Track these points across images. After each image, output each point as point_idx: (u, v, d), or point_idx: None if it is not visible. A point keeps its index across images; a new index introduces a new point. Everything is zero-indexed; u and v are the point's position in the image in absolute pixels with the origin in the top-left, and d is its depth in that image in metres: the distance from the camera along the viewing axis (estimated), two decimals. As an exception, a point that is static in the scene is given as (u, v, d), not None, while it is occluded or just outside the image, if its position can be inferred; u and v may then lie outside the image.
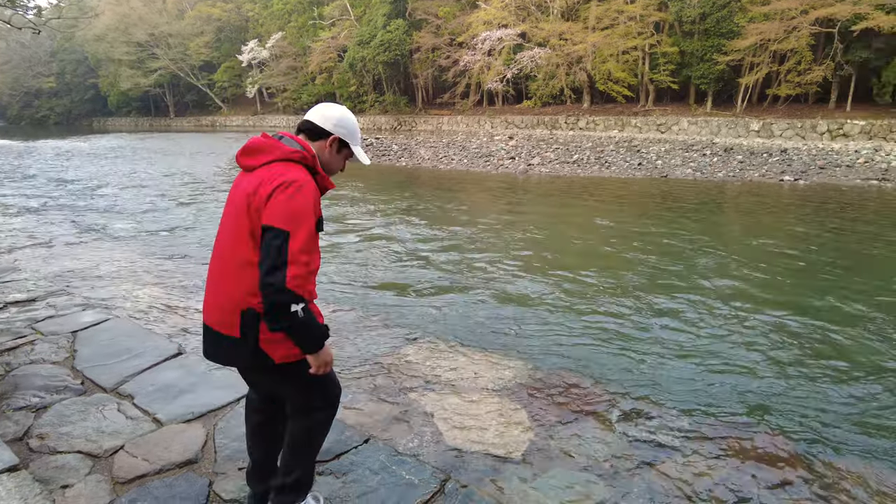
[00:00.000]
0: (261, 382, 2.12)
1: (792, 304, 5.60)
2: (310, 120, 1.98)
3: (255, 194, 1.77)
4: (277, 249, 1.68)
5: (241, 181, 1.90)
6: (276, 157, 1.84)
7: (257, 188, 1.77)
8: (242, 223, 1.80)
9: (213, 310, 1.92)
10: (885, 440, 3.25)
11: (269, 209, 1.72)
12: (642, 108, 30.14)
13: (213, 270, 1.94)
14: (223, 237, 1.91)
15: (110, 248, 7.60)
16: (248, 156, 1.88)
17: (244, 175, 1.91)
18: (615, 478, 2.72)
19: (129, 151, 26.74)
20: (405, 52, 38.26)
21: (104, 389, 3.40)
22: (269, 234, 1.71)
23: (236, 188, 1.90)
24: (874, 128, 22.16)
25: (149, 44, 54.87)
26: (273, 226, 1.70)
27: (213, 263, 1.96)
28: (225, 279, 1.87)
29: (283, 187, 1.73)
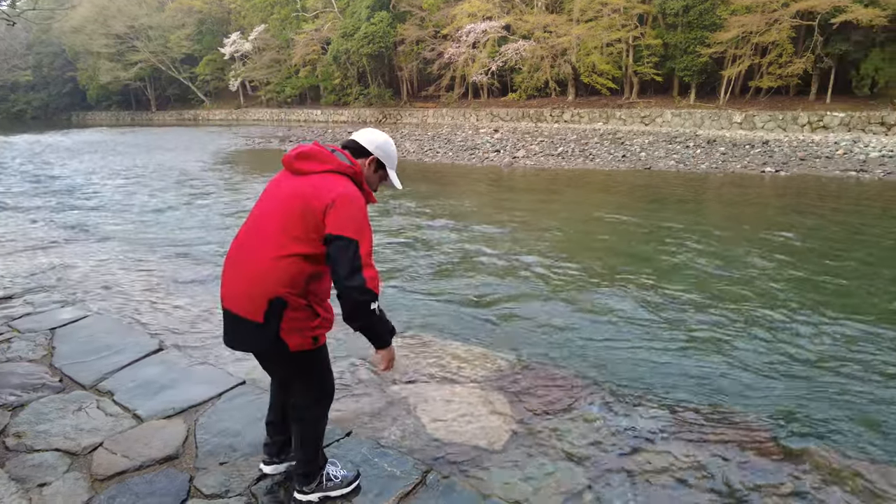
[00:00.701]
0: (274, 370, 2.31)
1: (773, 294, 5.68)
2: (355, 140, 2.17)
3: (315, 199, 1.91)
4: (352, 256, 1.87)
5: (289, 182, 2.02)
6: (332, 168, 1.99)
7: (317, 194, 1.91)
8: (294, 221, 1.92)
9: (237, 296, 2.02)
10: (864, 426, 3.32)
11: (336, 219, 1.88)
12: (626, 101, 30.28)
13: (242, 259, 2.04)
14: (261, 228, 2.01)
15: (90, 243, 7.49)
16: (304, 161, 2.01)
17: (292, 177, 2.03)
18: (596, 466, 2.75)
19: (110, 146, 26.33)
20: (389, 45, 38.00)
21: (83, 386, 3.36)
22: (341, 242, 1.87)
23: (280, 186, 2.04)
24: (853, 119, 22.49)
25: (128, 36, 53.86)
26: (344, 235, 1.87)
27: (241, 253, 2.06)
28: (257, 268, 1.96)
29: (348, 200, 1.91)
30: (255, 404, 3.14)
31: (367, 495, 2.40)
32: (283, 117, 47.96)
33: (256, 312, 1.96)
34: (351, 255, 1.87)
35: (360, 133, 2.19)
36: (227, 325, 2.13)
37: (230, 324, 2.10)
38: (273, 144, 25.73)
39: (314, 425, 2.28)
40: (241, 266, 2.04)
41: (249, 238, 2.05)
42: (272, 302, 1.94)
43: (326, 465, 2.39)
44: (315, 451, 2.32)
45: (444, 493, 2.40)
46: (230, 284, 2.07)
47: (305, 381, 2.21)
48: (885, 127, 21.73)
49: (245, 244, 2.06)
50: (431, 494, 2.40)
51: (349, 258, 1.87)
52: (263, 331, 1.98)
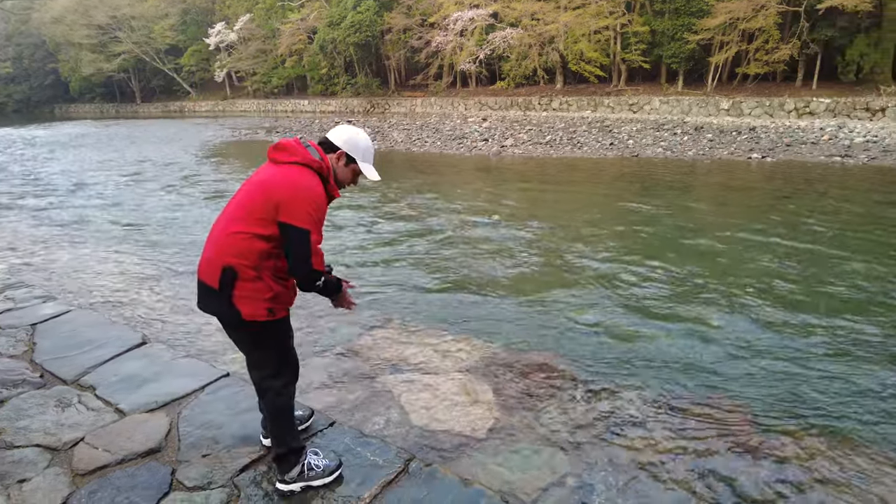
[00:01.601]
0: (235, 341, 2.41)
1: (757, 280, 5.73)
2: (326, 136, 2.35)
3: (275, 187, 2.09)
4: (303, 244, 2.08)
5: (263, 169, 2.22)
6: (298, 160, 2.17)
7: (278, 183, 2.10)
8: (254, 203, 2.11)
9: (203, 264, 2.22)
10: (843, 408, 3.37)
11: (291, 210, 2.06)
12: (615, 88, 30.27)
13: (213, 233, 2.23)
14: (230, 208, 2.21)
15: (72, 238, 7.41)
16: (278, 152, 2.20)
17: (269, 165, 2.22)
18: (578, 451, 2.77)
19: (94, 139, 25.97)
20: (376, 34, 37.67)
21: (64, 382, 3.33)
22: (294, 231, 2.07)
23: (258, 173, 2.22)
24: (838, 105, 22.64)
25: (110, 27, 52.94)
26: (296, 225, 2.07)
27: (212, 230, 2.25)
28: (218, 240, 2.17)
29: (304, 191, 2.09)
30: (239, 396, 3.13)
31: (349, 484, 2.41)
32: (270, 108, 47.50)
33: (213, 279, 2.15)
34: (302, 243, 2.08)
35: (333, 130, 2.37)
36: (198, 295, 2.31)
37: (198, 288, 2.29)
38: (260, 136, 25.50)
39: (275, 399, 2.35)
40: (209, 239, 2.25)
41: (221, 216, 2.26)
42: (224, 269, 2.12)
43: (308, 455, 2.42)
44: (283, 429, 2.38)
45: (427, 481, 2.41)
46: (203, 255, 2.26)
47: (264, 354, 2.33)
48: (870, 112, 21.90)
49: (217, 221, 2.27)
50: (414, 482, 2.41)
51: (301, 244, 2.08)
52: (219, 297, 2.16)
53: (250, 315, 2.16)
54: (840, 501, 2.51)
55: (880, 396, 3.50)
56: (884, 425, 3.18)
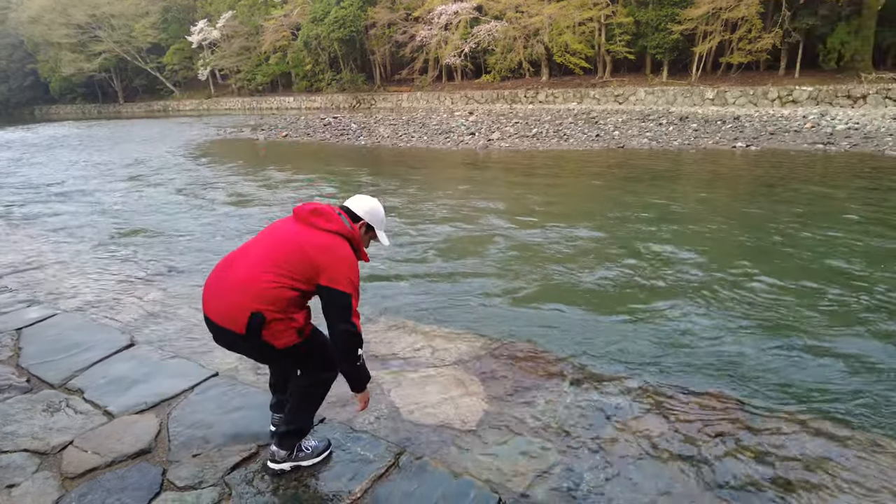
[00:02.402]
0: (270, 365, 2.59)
1: (744, 267, 5.80)
2: (349, 207, 2.44)
3: (318, 253, 2.19)
4: (347, 306, 2.19)
5: (297, 227, 2.29)
6: (336, 229, 2.28)
7: (321, 249, 2.20)
8: (291, 259, 2.18)
9: (221, 308, 2.22)
10: (824, 390, 3.44)
11: (333, 275, 2.18)
12: (600, 80, 30.35)
13: (230, 277, 2.24)
14: (256, 254, 2.25)
15: (56, 240, 7.33)
16: (315, 216, 2.28)
17: (300, 224, 2.29)
18: (567, 440, 2.81)
19: (76, 140, 25.64)
20: (360, 29, 37.46)
21: (51, 386, 3.32)
22: (337, 294, 2.18)
23: (286, 228, 2.30)
24: (821, 93, 22.86)
25: (90, 26, 52.14)
26: (340, 289, 2.18)
27: (229, 271, 2.26)
28: (243, 286, 2.18)
29: (346, 260, 2.23)
30: (228, 395, 3.14)
31: (340, 479, 2.42)
32: (254, 105, 47.14)
33: (237, 324, 2.17)
34: (346, 305, 2.19)
35: (353, 200, 2.47)
36: (213, 333, 2.32)
37: (216, 332, 2.30)
38: (245, 133, 25.30)
39: (317, 398, 2.48)
40: (227, 283, 2.24)
41: (242, 261, 2.27)
42: (253, 315, 2.15)
43: (310, 439, 2.54)
44: (308, 411, 2.48)
45: (417, 474, 2.43)
46: (215, 298, 2.26)
47: (305, 366, 2.44)
48: (851, 100, 22.15)
49: (236, 264, 2.27)
50: (404, 476, 2.43)
51: (344, 307, 2.19)
52: (247, 339, 2.20)
53: (284, 345, 2.24)
54: (829, 485, 2.56)
55: (871, 377, 3.57)
56: (875, 407, 3.25)
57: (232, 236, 7.52)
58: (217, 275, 2.32)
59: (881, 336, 4.26)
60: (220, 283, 2.27)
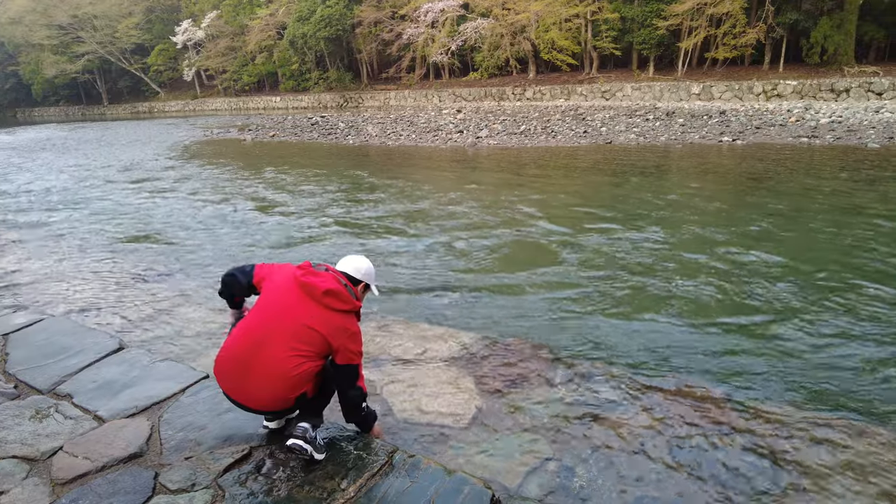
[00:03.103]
0: None
1: (731, 260, 5.86)
2: (344, 270, 2.63)
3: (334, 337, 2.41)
4: (356, 374, 2.50)
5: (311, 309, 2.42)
6: (349, 308, 2.47)
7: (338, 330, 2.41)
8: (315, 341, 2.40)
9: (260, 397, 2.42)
10: (808, 383, 3.49)
11: (347, 353, 2.43)
12: (587, 76, 30.47)
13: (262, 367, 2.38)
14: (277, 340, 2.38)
15: (42, 244, 7.25)
16: (330, 298, 2.43)
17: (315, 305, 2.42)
18: (559, 435, 2.83)
19: (60, 142, 25.34)
20: (347, 27, 37.33)
21: (40, 391, 3.28)
22: (351, 368, 2.46)
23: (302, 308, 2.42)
24: (805, 87, 23.12)
25: (72, 26, 51.49)
26: (351, 363, 2.46)
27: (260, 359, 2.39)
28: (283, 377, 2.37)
29: (356, 337, 2.47)
30: (220, 397, 3.11)
31: (334, 479, 2.42)
32: (241, 105, 46.86)
33: (284, 406, 2.46)
34: (356, 374, 2.48)
35: (348, 264, 2.65)
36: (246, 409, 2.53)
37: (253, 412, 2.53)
38: (232, 134, 25.13)
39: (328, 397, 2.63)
40: (260, 375, 2.39)
41: (266, 348, 2.39)
42: (298, 398, 2.43)
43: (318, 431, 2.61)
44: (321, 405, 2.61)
45: (410, 472, 2.44)
46: (249, 388, 2.42)
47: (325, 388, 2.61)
48: (835, 93, 22.43)
49: (262, 353, 2.39)
50: (398, 474, 2.44)
51: (353, 377, 2.48)
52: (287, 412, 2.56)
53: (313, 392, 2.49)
54: (815, 474, 2.60)
55: (849, 369, 3.63)
56: (856, 394, 3.30)
57: (222, 237, 7.48)
58: (245, 358, 2.42)
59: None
60: (255, 371, 2.40)
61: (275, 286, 2.51)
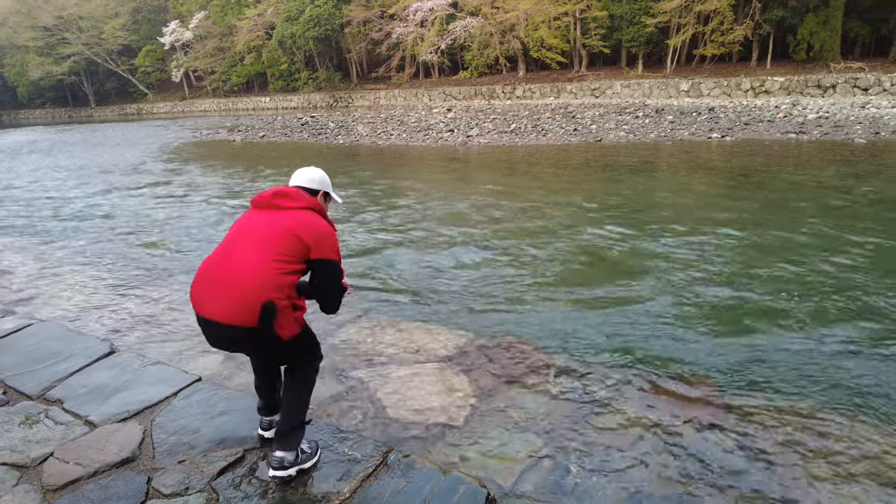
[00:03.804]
0: (265, 358, 2.58)
1: (728, 260, 5.90)
2: (298, 185, 2.56)
3: (300, 231, 2.31)
4: (336, 273, 2.41)
5: (268, 215, 2.37)
6: (305, 205, 2.41)
7: (301, 227, 2.32)
8: (281, 243, 2.28)
9: (227, 307, 2.22)
10: (801, 377, 3.52)
11: (321, 248, 2.33)
12: (576, 74, 30.56)
13: (225, 276, 2.26)
14: (244, 249, 2.29)
15: (29, 248, 7.18)
16: (281, 199, 2.40)
17: (272, 211, 2.39)
18: (553, 433, 2.83)
19: (46, 145, 25.08)
20: (336, 27, 37.21)
21: (29, 397, 3.25)
22: (328, 264, 2.37)
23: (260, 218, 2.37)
24: (792, 83, 23.32)
25: (57, 28, 50.94)
26: (329, 259, 2.37)
27: (222, 270, 2.28)
28: (248, 280, 2.22)
29: (327, 232, 2.39)
30: (213, 400, 3.10)
31: (328, 480, 2.42)
32: (230, 106, 46.59)
33: (251, 319, 2.20)
34: (337, 271, 2.40)
35: (299, 177, 2.59)
36: (214, 335, 2.32)
37: (219, 333, 2.30)
38: (221, 135, 24.98)
39: (311, 389, 2.54)
40: (226, 282, 2.25)
41: (232, 257, 2.30)
42: (265, 306, 2.19)
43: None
44: (304, 402, 2.52)
45: (405, 472, 2.44)
46: (215, 295, 2.26)
47: (300, 355, 2.48)
48: (821, 89, 22.63)
49: (228, 262, 2.29)
50: (393, 474, 2.44)
51: (334, 274, 2.39)
52: (257, 332, 2.23)
53: (289, 336, 2.31)
54: (807, 470, 2.62)
55: (840, 365, 3.66)
56: (846, 390, 3.34)
57: (212, 238, 7.43)
58: (212, 272, 2.30)
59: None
60: (221, 279, 2.26)
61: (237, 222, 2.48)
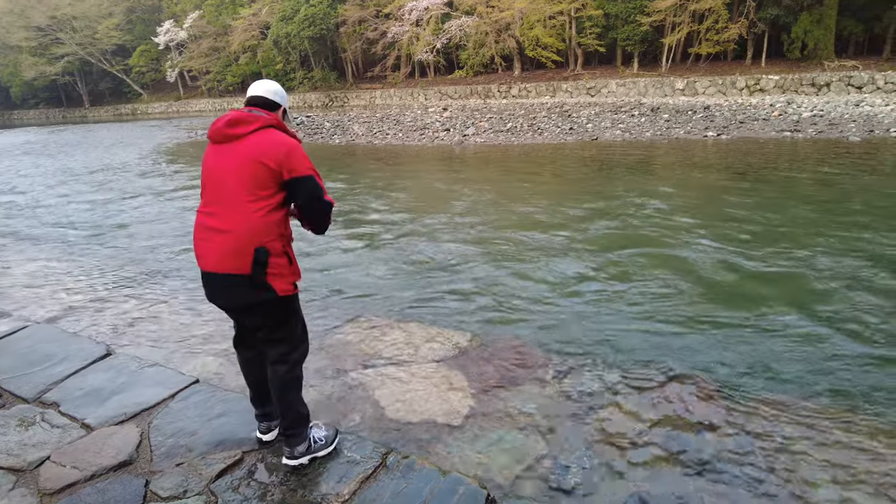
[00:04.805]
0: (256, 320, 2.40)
1: (718, 258, 5.91)
2: (261, 96, 2.37)
3: (264, 156, 2.16)
4: (316, 188, 2.26)
5: (229, 149, 2.22)
6: (262, 124, 2.23)
7: (264, 151, 2.17)
8: (255, 179, 2.17)
9: (222, 256, 2.20)
10: (800, 375, 3.52)
11: (293, 166, 2.19)
12: (572, 73, 30.59)
13: (216, 226, 2.21)
14: (225, 195, 2.20)
15: (23, 250, 7.13)
16: (235, 126, 2.22)
17: (228, 144, 2.22)
18: (552, 433, 2.83)
19: (40, 146, 24.95)
20: (331, 26, 37.15)
21: (25, 400, 3.22)
22: (304, 181, 2.22)
23: (223, 155, 2.22)
24: (786, 82, 23.39)
25: (51, 28, 50.69)
26: (304, 175, 2.22)
27: (213, 220, 2.23)
28: (236, 227, 2.17)
29: (292, 147, 2.22)
30: (210, 402, 3.09)
31: (328, 482, 2.41)
32: (226, 106, 46.42)
33: (244, 265, 2.18)
34: (315, 186, 2.25)
35: (258, 89, 2.38)
36: (213, 287, 2.31)
37: (217, 284, 2.28)
38: (217, 135, 24.87)
39: (293, 370, 2.45)
40: (217, 231, 2.22)
41: (217, 206, 2.23)
42: (257, 251, 2.17)
43: (312, 429, 2.56)
44: (293, 400, 2.46)
45: (405, 473, 2.43)
46: (210, 249, 2.24)
47: (288, 329, 2.42)
48: (816, 88, 22.71)
49: (215, 212, 2.23)
50: (392, 476, 2.43)
51: (316, 189, 2.25)
52: (250, 281, 2.20)
53: (284, 291, 2.27)
54: (805, 465, 2.63)
55: (841, 361, 3.67)
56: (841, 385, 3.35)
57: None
58: (205, 230, 2.27)
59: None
60: (213, 229, 2.23)
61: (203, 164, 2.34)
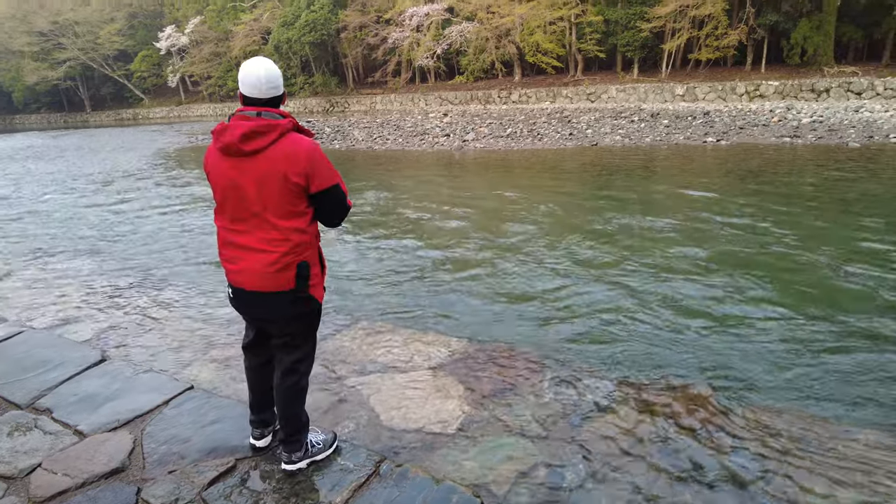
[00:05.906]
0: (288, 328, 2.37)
1: (716, 261, 5.89)
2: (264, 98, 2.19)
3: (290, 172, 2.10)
4: (340, 195, 2.26)
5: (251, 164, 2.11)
6: (279, 134, 2.11)
7: (290, 165, 2.10)
8: (288, 193, 2.13)
9: (259, 276, 2.20)
10: (799, 381, 3.51)
11: (317, 177, 2.16)
12: (572, 79, 30.66)
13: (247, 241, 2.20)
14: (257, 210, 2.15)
15: (19, 255, 7.13)
16: (251, 141, 2.09)
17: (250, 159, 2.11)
18: (547, 440, 2.81)
19: (41, 151, 25.00)
20: (332, 32, 37.27)
21: (18, 406, 3.21)
22: (333, 191, 2.21)
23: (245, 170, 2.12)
24: (786, 87, 23.42)
25: (53, 33, 50.90)
26: (329, 186, 2.20)
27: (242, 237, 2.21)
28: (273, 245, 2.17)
29: (313, 154, 2.15)
30: (204, 408, 3.07)
31: (320, 490, 2.39)
32: (227, 111, 46.54)
33: (287, 282, 2.20)
34: (341, 196, 2.26)
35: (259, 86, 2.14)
36: (250, 304, 2.32)
37: (256, 301, 2.29)
38: (217, 140, 24.92)
39: (301, 380, 2.46)
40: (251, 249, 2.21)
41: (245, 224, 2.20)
42: (300, 266, 2.21)
43: (309, 434, 2.57)
44: (299, 408, 2.48)
45: (398, 482, 2.41)
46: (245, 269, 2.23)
47: (312, 335, 2.46)
48: (815, 93, 22.74)
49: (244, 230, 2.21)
50: (385, 484, 2.41)
51: (340, 198, 2.26)
52: (295, 295, 2.24)
53: (320, 298, 2.35)
54: (802, 473, 2.61)
55: (833, 368, 3.65)
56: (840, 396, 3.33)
57: (207, 245, 7.39)
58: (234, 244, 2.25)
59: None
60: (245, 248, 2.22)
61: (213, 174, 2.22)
